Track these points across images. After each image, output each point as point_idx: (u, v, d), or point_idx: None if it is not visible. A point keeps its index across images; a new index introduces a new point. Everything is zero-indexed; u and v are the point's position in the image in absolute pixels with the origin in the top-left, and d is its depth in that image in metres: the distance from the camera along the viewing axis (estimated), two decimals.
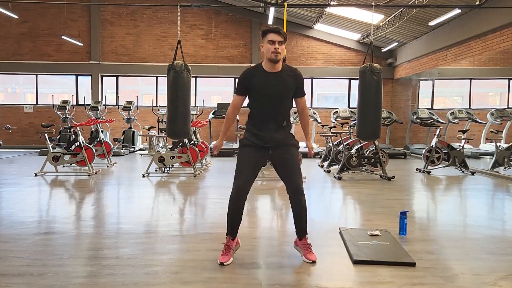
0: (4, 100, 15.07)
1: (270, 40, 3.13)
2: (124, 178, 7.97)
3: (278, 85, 3.21)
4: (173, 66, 6.58)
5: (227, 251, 3.28)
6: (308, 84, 14.68)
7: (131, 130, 12.78)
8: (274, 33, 3.13)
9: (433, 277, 3.05)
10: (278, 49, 3.12)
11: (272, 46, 3.11)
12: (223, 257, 3.25)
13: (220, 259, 3.24)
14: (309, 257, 3.29)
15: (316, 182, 7.55)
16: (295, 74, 3.30)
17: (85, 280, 2.94)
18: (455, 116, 12.16)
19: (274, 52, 3.12)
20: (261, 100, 3.24)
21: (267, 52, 3.15)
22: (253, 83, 3.21)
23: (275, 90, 3.21)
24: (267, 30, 3.17)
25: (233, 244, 3.33)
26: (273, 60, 3.15)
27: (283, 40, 3.15)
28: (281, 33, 3.15)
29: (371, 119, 7.09)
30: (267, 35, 3.15)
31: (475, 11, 8.91)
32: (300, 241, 3.38)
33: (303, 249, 3.35)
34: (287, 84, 3.25)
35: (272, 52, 3.12)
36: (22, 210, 5.09)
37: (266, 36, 3.17)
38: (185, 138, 7.62)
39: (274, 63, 3.18)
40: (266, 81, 3.19)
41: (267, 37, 3.15)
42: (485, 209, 5.69)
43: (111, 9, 14.09)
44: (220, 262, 3.22)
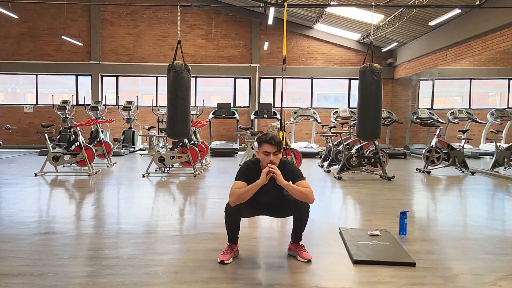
0: (4, 100, 15.06)
1: (265, 151, 3.20)
2: (124, 178, 7.97)
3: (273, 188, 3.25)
4: (173, 66, 6.58)
5: (229, 251, 3.33)
6: (308, 84, 14.69)
7: (131, 130, 12.78)
8: (268, 144, 3.19)
9: (433, 277, 3.05)
10: (273, 161, 3.18)
11: (267, 158, 3.19)
12: (224, 255, 3.29)
13: (221, 258, 3.27)
14: (305, 256, 3.33)
15: (316, 182, 7.54)
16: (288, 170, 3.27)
17: (85, 280, 2.94)
18: (455, 116, 12.16)
19: (269, 163, 3.17)
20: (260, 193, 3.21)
21: (263, 162, 3.23)
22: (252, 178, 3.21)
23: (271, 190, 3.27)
24: (262, 140, 3.22)
25: (235, 248, 3.40)
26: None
27: (277, 151, 3.21)
28: (274, 144, 3.19)
29: (371, 119, 7.09)
30: (262, 145, 3.22)
31: (475, 11, 8.91)
32: (293, 245, 3.45)
33: (297, 251, 3.40)
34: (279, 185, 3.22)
35: (268, 163, 3.18)
36: (22, 210, 5.09)
37: (261, 146, 3.23)
38: (185, 138, 7.62)
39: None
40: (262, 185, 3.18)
41: (262, 148, 3.22)
42: (485, 209, 5.69)
43: (111, 9, 14.09)
44: (220, 260, 3.25)
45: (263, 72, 14.33)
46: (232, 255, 3.33)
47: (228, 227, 3.34)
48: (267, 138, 3.21)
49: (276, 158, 3.20)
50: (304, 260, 3.31)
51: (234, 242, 3.39)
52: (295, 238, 3.43)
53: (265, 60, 14.33)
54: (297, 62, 14.27)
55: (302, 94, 15.21)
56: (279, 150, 3.23)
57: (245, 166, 3.35)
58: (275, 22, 12.36)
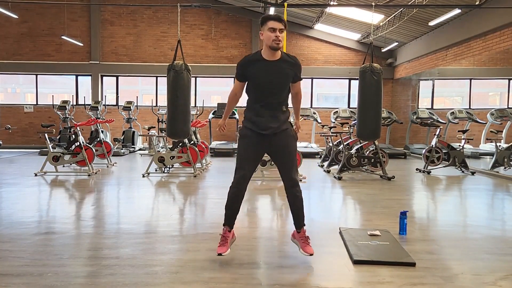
0: (4, 100, 15.06)
1: (271, 27, 3.08)
2: (124, 178, 7.97)
3: (276, 73, 3.18)
4: (173, 66, 6.58)
5: (224, 242, 3.28)
6: (308, 84, 14.69)
7: (131, 130, 12.78)
8: (274, 20, 3.10)
9: (433, 277, 3.05)
10: (279, 37, 3.08)
11: (273, 34, 3.07)
12: (221, 248, 3.24)
13: (218, 250, 3.23)
14: (307, 250, 3.26)
15: (316, 182, 7.55)
16: (294, 62, 3.26)
17: (85, 280, 2.94)
18: (455, 116, 12.16)
19: (276, 40, 3.08)
20: (259, 87, 3.22)
21: (268, 40, 3.10)
22: (251, 70, 3.20)
23: (274, 79, 3.18)
24: (267, 17, 3.14)
25: (229, 236, 3.32)
26: (274, 48, 3.11)
27: (284, 28, 3.12)
28: (282, 21, 3.12)
29: (371, 119, 7.09)
30: (267, 22, 3.11)
31: (475, 11, 8.91)
32: (298, 234, 3.36)
33: (300, 242, 3.33)
34: (285, 72, 3.21)
35: (273, 40, 3.08)
36: (22, 210, 5.09)
37: (266, 23, 3.12)
38: (185, 138, 7.62)
39: (275, 51, 3.15)
40: (265, 69, 3.16)
41: (268, 25, 3.10)
42: (485, 209, 5.69)
43: (111, 9, 14.09)
44: (218, 253, 3.21)
45: None
46: (228, 246, 3.28)
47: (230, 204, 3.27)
48: (273, 15, 3.16)
49: (281, 35, 3.09)
50: (306, 254, 3.25)
51: (230, 224, 3.31)
52: (297, 225, 3.35)
53: None
54: None
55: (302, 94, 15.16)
56: (285, 27, 3.13)
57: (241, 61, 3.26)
58: None
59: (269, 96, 3.22)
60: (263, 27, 3.15)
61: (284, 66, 3.20)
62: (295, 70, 3.26)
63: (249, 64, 3.21)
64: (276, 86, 3.21)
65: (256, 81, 3.22)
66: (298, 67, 3.28)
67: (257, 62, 3.19)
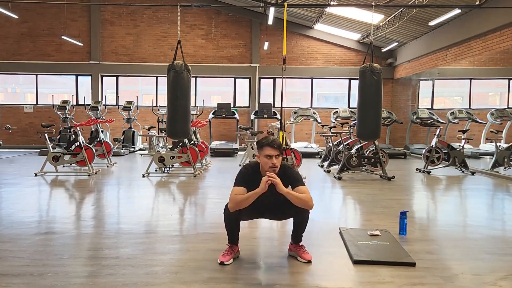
0: (4, 100, 15.06)
1: (267, 154, 3.17)
2: (124, 178, 7.97)
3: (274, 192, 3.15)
4: (173, 66, 6.58)
5: (229, 252, 3.33)
6: (308, 84, 14.69)
7: (131, 130, 12.78)
8: (271, 147, 3.17)
9: (433, 277, 3.05)
10: (276, 163, 3.17)
11: (270, 161, 3.17)
12: (224, 256, 3.28)
13: (221, 259, 3.27)
14: (305, 257, 3.33)
15: (316, 182, 7.55)
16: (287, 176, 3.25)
17: (85, 280, 2.94)
18: (455, 116, 12.17)
19: (272, 167, 3.17)
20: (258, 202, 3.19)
21: (265, 165, 3.19)
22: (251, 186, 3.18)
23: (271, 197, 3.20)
24: (264, 144, 3.20)
25: (236, 249, 3.39)
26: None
27: (279, 154, 3.20)
28: (276, 147, 3.18)
29: (371, 119, 7.09)
30: (264, 148, 3.19)
31: (475, 11, 8.91)
32: (293, 245, 3.45)
33: (297, 251, 3.40)
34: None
35: (270, 167, 3.17)
36: (22, 210, 5.09)
37: (262, 149, 3.20)
38: (185, 138, 7.62)
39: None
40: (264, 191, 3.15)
41: (264, 151, 3.18)
42: (485, 209, 5.69)
43: (111, 9, 14.09)
44: (220, 261, 3.25)
45: (263, 72, 14.33)
46: (232, 256, 3.32)
47: (228, 228, 3.33)
48: (269, 141, 3.19)
49: (278, 161, 3.20)
50: (304, 261, 3.31)
51: (235, 243, 3.38)
52: (295, 239, 3.43)
53: (265, 60, 14.34)
54: (297, 62, 14.27)
55: (302, 94, 15.21)
56: (281, 153, 3.23)
57: (244, 171, 3.32)
58: (275, 22, 12.35)
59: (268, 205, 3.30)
60: (260, 151, 3.24)
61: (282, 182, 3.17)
62: (289, 180, 3.25)
63: (249, 180, 3.22)
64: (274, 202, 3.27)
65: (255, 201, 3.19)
66: (292, 178, 3.26)
67: (257, 180, 3.17)
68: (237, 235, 3.37)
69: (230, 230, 3.33)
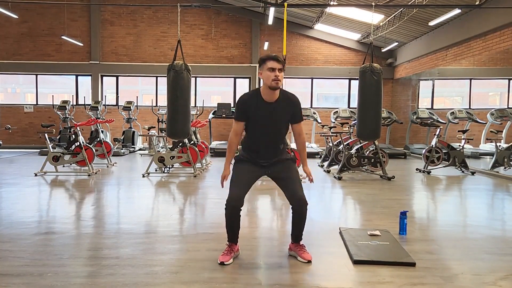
0: (4, 100, 15.06)
1: (270, 67, 3.12)
2: (124, 178, 7.97)
3: (276, 115, 3.22)
4: (173, 66, 6.58)
5: (229, 252, 3.32)
6: (308, 84, 14.69)
7: (131, 130, 12.78)
8: (273, 60, 3.14)
9: (433, 277, 3.05)
10: (279, 76, 3.12)
11: (273, 74, 3.11)
12: (224, 257, 3.27)
13: (220, 259, 3.26)
14: (305, 257, 3.33)
15: (316, 182, 7.47)
16: (292, 101, 3.30)
17: (85, 280, 2.94)
18: (455, 116, 12.16)
19: (275, 80, 3.11)
20: (258, 128, 3.26)
21: (267, 80, 3.14)
22: (251, 111, 3.22)
23: (273, 120, 3.23)
24: (266, 58, 3.18)
25: (235, 248, 3.38)
26: (274, 87, 3.15)
27: (282, 67, 3.16)
28: (280, 61, 3.15)
29: (371, 119, 7.09)
30: (266, 62, 3.15)
31: (475, 11, 8.91)
32: (293, 244, 3.45)
33: (297, 251, 3.40)
34: (284, 113, 3.27)
35: (273, 80, 3.11)
36: (22, 210, 5.08)
37: (265, 63, 3.16)
38: (185, 138, 7.62)
39: (274, 90, 3.18)
40: (264, 111, 3.21)
41: (267, 65, 3.14)
42: (485, 209, 5.69)
43: (111, 9, 14.09)
44: (220, 261, 3.24)
45: None
46: (232, 256, 3.31)
47: (229, 224, 3.29)
48: (272, 55, 3.17)
49: (281, 75, 3.13)
50: (304, 261, 3.30)
51: (234, 242, 3.36)
52: (295, 238, 3.43)
53: None
54: (297, 62, 14.27)
55: (302, 94, 15.20)
56: (283, 68, 3.17)
57: (240, 101, 3.28)
58: (275, 22, 12.35)
59: (268, 136, 3.28)
60: (262, 66, 3.19)
61: (284, 107, 3.24)
62: (295, 109, 3.31)
63: (248, 105, 3.23)
64: (275, 126, 3.28)
65: (255, 122, 3.25)
66: (297, 106, 3.33)
67: (256, 103, 3.21)
68: (237, 233, 3.34)
69: (231, 227, 3.30)
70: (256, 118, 3.23)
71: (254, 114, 3.22)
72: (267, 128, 3.26)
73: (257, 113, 3.21)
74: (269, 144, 3.32)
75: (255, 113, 3.22)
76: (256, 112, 3.21)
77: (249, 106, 3.23)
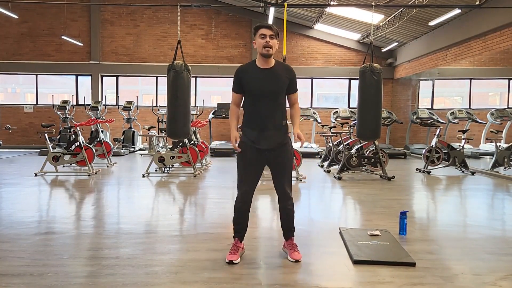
0: (4, 100, 15.07)
1: (262, 34, 3.16)
2: (124, 178, 7.97)
3: (271, 80, 3.20)
4: (173, 66, 6.58)
5: (235, 250, 3.32)
6: (308, 84, 14.68)
7: (131, 130, 12.78)
8: (265, 28, 3.17)
9: (433, 277, 3.05)
10: (270, 42, 3.14)
11: (263, 40, 3.14)
12: (232, 256, 3.27)
13: (229, 258, 3.26)
14: (293, 256, 3.33)
15: (316, 182, 7.55)
16: (287, 69, 3.32)
17: (85, 280, 2.94)
18: (455, 116, 12.16)
19: (266, 46, 3.14)
20: (255, 96, 3.23)
21: (259, 47, 3.17)
22: (246, 78, 3.23)
23: (269, 85, 3.20)
24: (259, 26, 3.22)
25: (241, 245, 3.38)
26: (265, 54, 3.17)
27: (274, 35, 3.18)
28: (272, 28, 3.18)
29: (371, 119, 7.09)
30: (259, 30, 3.19)
31: (475, 11, 8.91)
32: (287, 242, 3.46)
33: (289, 249, 3.41)
34: (280, 79, 3.23)
35: (264, 46, 3.14)
36: (22, 210, 5.09)
37: (257, 31, 3.20)
38: (185, 138, 7.62)
39: (267, 58, 3.20)
40: (260, 76, 3.20)
41: (259, 32, 3.18)
42: (485, 209, 5.69)
43: (111, 9, 14.09)
44: (229, 260, 3.24)
45: None
46: (239, 254, 3.32)
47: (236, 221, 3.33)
48: (264, 23, 3.24)
49: (272, 42, 3.16)
50: (292, 260, 3.31)
51: (241, 239, 3.37)
52: (285, 235, 3.45)
53: None
54: (297, 62, 14.26)
55: (302, 94, 15.20)
56: (275, 35, 3.19)
57: (236, 73, 3.32)
58: (275, 22, 12.31)
59: (266, 105, 3.21)
60: (255, 36, 3.23)
61: (279, 73, 3.24)
62: (290, 76, 3.28)
63: (244, 73, 3.26)
64: (272, 92, 3.21)
65: (251, 89, 3.23)
66: (293, 73, 3.31)
67: (251, 70, 3.25)
68: (245, 228, 3.36)
69: (238, 224, 3.33)
70: (252, 84, 3.21)
71: (250, 81, 3.22)
72: (263, 95, 3.20)
73: (252, 79, 3.21)
74: (268, 117, 3.21)
75: (251, 79, 3.22)
76: (252, 79, 3.21)
77: (245, 73, 3.25)
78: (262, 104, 3.21)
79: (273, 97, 3.22)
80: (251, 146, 3.25)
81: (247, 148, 3.26)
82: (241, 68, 3.31)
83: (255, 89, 3.21)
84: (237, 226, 3.36)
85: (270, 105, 3.22)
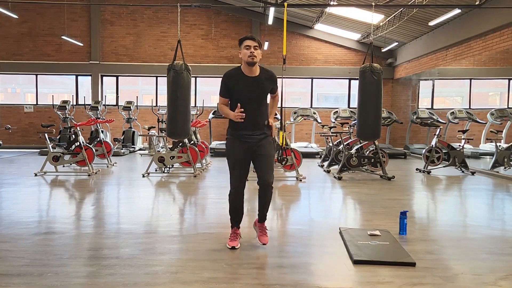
0: (4, 100, 15.07)
1: (247, 45, 3.43)
2: (124, 178, 7.97)
3: (256, 88, 3.49)
4: (173, 66, 6.57)
5: (235, 237, 3.63)
6: (308, 84, 14.69)
7: (131, 130, 12.78)
8: (249, 39, 3.46)
9: (433, 277, 3.05)
10: (254, 53, 3.40)
11: (248, 51, 3.41)
12: (232, 242, 3.58)
13: (230, 244, 3.56)
14: (262, 240, 3.64)
15: (316, 182, 7.54)
16: (270, 76, 3.59)
17: (85, 280, 2.95)
18: (455, 116, 12.16)
19: (250, 56, 3.40)
20: (242, 101, 3.45)
21: (244, 57, 3.44)
22: (233, 86, 3.48)
23: (254, 93, 3.49)
24: (243, 38, 3.50)
25: (238, 232, 3.68)
26: (250, 62, 3.42)
27: (258, 45, 3.46)
28: (256, 39, 3.47)
29: (371, 119, 7.09)
30: (243, 42, 3.47)
31: (475, 11, 8.91)
32: (259, 224, 3.73)
33: (259, 231, 3.70)
34: (264, 86, 3.54)
35: (249, 56, 3.40)
36: (22, 210, 5.09)
37: (242, 43, 3.48)
38: (185, 138, 7.62)
39: (251, 66, 3.45)
40: (246, 85, 3.47)
41: (244, 44, 3.46)
42: (485, 209, 5.69)
43: (111, 9, 14.09)
44: (231, 246, 3.54)
45: None
46: (238, 240, 3.65)
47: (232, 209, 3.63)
48: (248, 36, 3.52)
49: (256, 52, 3.41)
50: (260, 243, 3.61)
51: (237, 226, 3.68)
52: (261, 217, 3.69)
53: (265, 60, 14.31)
54: (297, 62, 14.27)
55: (302, 94, 15.21)
56: (259, 46, 3.46)
57: (223, 78, 3.51)
58: (275, 22, 12.36)
59: (251, 109, 3.46)
60: (240, 47, 3.50)
61: (263, 81, 3.52)
62: (273, 84, 3.61)
63: (231, 80, 3.49)
64: (256, 99, 3.51)
65: (237, 95, 3.48)
66: (275, 80, 3.63)
67: (238, 77, 3.49)
68: (241, 216, 3.67)
69: (234, 212, 3.63)
70: (238, 90, 3.46)
71: (237, 88, 3.46)
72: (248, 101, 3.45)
73: (239, 86, 3.46)
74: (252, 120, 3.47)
75: (237, 86, 3.46)
76: (238, 86, 3.46)
77: (232, 81, 3.48)
78: (248, 108, 3.43)
79: (258, 102, 3.53)
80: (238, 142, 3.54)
81: (234, 144, 3.55)
82: (229, 74, 3.52)
83: (242, 96, 3.46)
84: (233, 215, 3.65)
85: (255, 109, 3.50)
